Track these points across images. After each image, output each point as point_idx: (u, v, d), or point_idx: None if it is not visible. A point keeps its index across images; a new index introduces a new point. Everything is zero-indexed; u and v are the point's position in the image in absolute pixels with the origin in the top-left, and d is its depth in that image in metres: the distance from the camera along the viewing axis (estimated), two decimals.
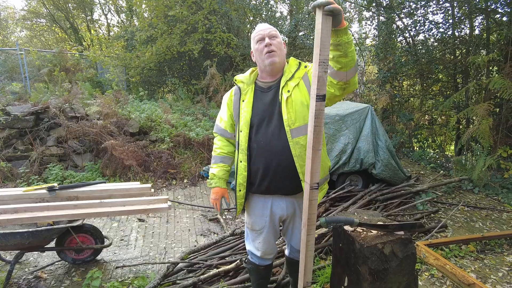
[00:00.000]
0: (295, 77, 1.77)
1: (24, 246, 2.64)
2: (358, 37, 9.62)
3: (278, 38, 1.80)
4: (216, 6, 8.11)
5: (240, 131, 1.83)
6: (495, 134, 5.20)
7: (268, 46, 1.74)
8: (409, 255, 1.79)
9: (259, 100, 1.84)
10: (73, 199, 2.90)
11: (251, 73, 1.92)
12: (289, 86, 1.76)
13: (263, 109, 1.81)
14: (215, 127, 2.06)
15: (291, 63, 1.84)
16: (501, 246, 3.29)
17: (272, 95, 1.82)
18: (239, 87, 1.90)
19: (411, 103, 7.68)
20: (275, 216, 1.91)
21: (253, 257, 2.07)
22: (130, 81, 10.21)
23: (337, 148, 4.25)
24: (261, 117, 1.80)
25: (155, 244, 3.48)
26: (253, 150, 1.81)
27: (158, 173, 5.51)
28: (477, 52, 5.90)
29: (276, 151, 1.76)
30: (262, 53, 1.77)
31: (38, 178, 4.96)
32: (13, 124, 5.40)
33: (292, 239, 2.04)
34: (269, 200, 1.89)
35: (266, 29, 1.79)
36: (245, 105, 1.83)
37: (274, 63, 1.76)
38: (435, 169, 5.85)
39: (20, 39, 16.50)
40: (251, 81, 1.89)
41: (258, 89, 1.88)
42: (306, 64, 1.82)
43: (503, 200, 4.45)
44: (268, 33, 1.77)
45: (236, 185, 1.88)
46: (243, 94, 1.87)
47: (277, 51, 1.76)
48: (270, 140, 1.77)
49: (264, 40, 1.76)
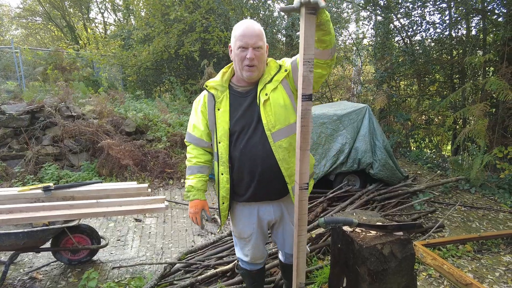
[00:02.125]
0: (274, 80, 1.69)
1: (19, 246, 2.60)
2: (356, 37, 9.62)
3: (263, 48, 1.65)
4: (214, 4, 8.09)
5: (218, 142, 1.72)
6: (491, 134, 5.23)
7: (250, 60, 1.61)
8: (408, 255, 1.78)
9: (237, 107, 1.72)
10: (69, 199, 2.88)
11: (223, 76, 1.77)
12: (267, 89, 1.67)
13: (241, 116, 1.71)
14: (188, 136, 1.89)
15: (271, 65, 1.73)
16: (497, 246, 3.31)
17: (250, 100, 1.72)
18: (213, 94, 1.74)
19: (408, 103, 7.70)
20: (263, 221, 1.86)
21: (243, 263, 2.03)
22: (126, 80, 10.17)
23: (335, 148, 4.25)
24: (241, 125, 1.70)
25: (152, 245, 3.46)
26: (235, 160, 1.73)
27: (155, 173, 5.48)
28: (474, 53, 5.93)
29: (259, 158, 1.69)
30: (241, 62, 1.64)
31: (34, 177, 4.91)
32: (8, 123, 5.34)
33: (285, 246, 1.98)
34: (255, 207, 1.83)
35: (252, 36, 1.60)
36: (222, 114, 1.71)
37: (251, 78, 1.67)
38: (432, 169, 5.87)
39: (15, 37, 16.37)
40: (224, 87, 1.75)
41: (234, 93, 1.75)
42: (287, 67, 1.71)
43: (500, 200, 4.47)
44: (254, 43, 1.60)
45: (219, 198, 1.80)
46: (217, 102, 1.73)
47: (258, 65, 1.64)
48: (252, 147, 1.69)
49: (248, 49, 1.61)
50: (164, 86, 10.76)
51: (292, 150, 1.70)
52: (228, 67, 1.80)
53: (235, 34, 1.64)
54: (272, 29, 8.16)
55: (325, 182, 4.30)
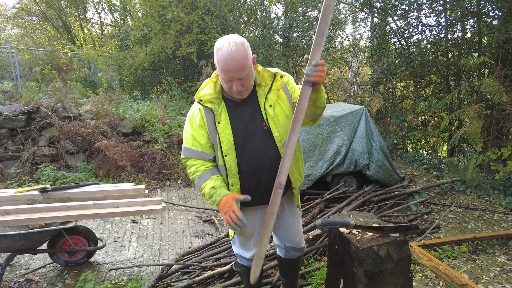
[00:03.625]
0: (273, 89, 1.68)
1: (15, 248, 2.59)
2: (352, 39, 9.67)
3: (249, 73, 1.56)
4: (211, 5, 8.09)
5: (225, 155, 1.68)
6: (486, 136, 5.27)
7: (237, 91, 1.57)
8: (404, 257, 1.80)
9: (236, 117, 1.69)
10: (66, 200, 2.87)
11: (215, 87, 1.68)
12: (270, 100, 1.67)
13: (243, 127, 1.69)
14: (187, 152, 1.76)
15: (264, 74, 1.69)
16: (492, 246, 3.34)
17: (250, 110, 1.69)
18: (210, 108, 1.66)
19: (404, 105, 7.74)
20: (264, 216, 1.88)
21: (242, 259, 2.04)
22: (123, 81, 10.14)
23: (332, 150, 4.27)
24: (244, 136, 1.68)
25: (149, 246, 3.46)
26: (242, 171, 1.72)
27: (152, 174, 5.47)
28: (469, 55, 5.98)
29: (266, 167, 1.71)
30: (229, 89, 1.61)
31: (30, 178, 4.88)
32: (4, 124, 5.31)
33: (284, 238, 2.02)
34: (258, 208, 1.87)
35: (234, 70, 1.50)
36: (223, 127, 1.66)
37: (243, 97, 1.66)
38: (428, 170, 5.91)
39: (11, 37, 16.26)
40: (220, 99, 1.68)
41: (230, 104, 1.70)
42: (282, 74, 1.70)
43: (495, 201, 4.51)
44: (238, 76, 1.52)
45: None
46: (217, 116, 1.66)
47: (247, 87, 1.60)
48: (259, 157, 1.70)
49: (233, 81, 1.55)
50: (161, 86, 10.74)
51: (295, 158, 1.75)
52: (217, 76, 1.68)
53: (218, 64, 1.53)
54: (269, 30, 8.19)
55: (322, 183, 4.32)
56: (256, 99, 1.71)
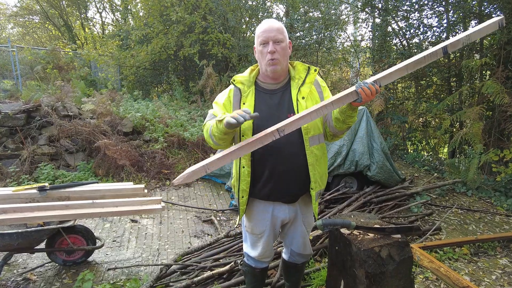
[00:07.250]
0: (307, 82, 1.73)
1: (13, 247, 2.57)
2: (354, 39, 9.65)
3: (284, 42, 1.68)
4: (212, 5, 8.07)
5: (242, 135, 1.69)
6: (487, 137, 5.25)
7: (271, 53, 1.64)
8: (405, 258, 1.78)
9: (263, 103, 1.74)
10: (65, 199, 2.85)
11: (251, 73, 1.80)
12: (302, 92, 1.71)
13: (268, 113, 1.70)
14: (208, 117, 1.79)
15: (299, 68, 1.77)
16: (494, 248, 3.31)
17: (278, 99, 1.74)
18: (239, 88, 1.76)
19: (405, 106, 7.72)
20: (277, 219, 1.87)
21: (250, 259, 2.04)
22: (124, 80, 10.13)
23: (332, 150, 4.25)
24: (267, 121, 1.66)
25: (148, 246, 3.43)
26: (257, 154, 1.70)
27: (151, 174, 5.45)
28: (471, 56, 5.96)
29: (287, 156, 1.70)
30: (264, 58, 1.68)
31: (29, 177, 4.86)
32: (4, 122, 5.30)
33: (292, 243, 2.00)
34: (271, 205, 1.85)
35: (272, 30, 1.65)
36: (247, 108, 1.69)
37: (275, 71, 1.70)
38: (429, 172, 5.88)
39: (12, 36, 16.26)
40: (251, 82, 1.77)
41: (261, 90, 1.77)
42: (315, 68, 1.77)
43: (496, 203, 4.49)
44: (274, 37, 1.64)
45: (239, 191, 1.80)
46: (243, 97, 1.74)
47: (280, 59, 1.67)
48: (284, 145, 1.68)
49: (269, 43, 1.65)
50: (162, 86, 10.72)
51: (320, 158, 1.76)
52: (256, 66, 1.83)
53: (257, 32, 1.70)
54: None
55: None
56: (289, 90, 1.75)
